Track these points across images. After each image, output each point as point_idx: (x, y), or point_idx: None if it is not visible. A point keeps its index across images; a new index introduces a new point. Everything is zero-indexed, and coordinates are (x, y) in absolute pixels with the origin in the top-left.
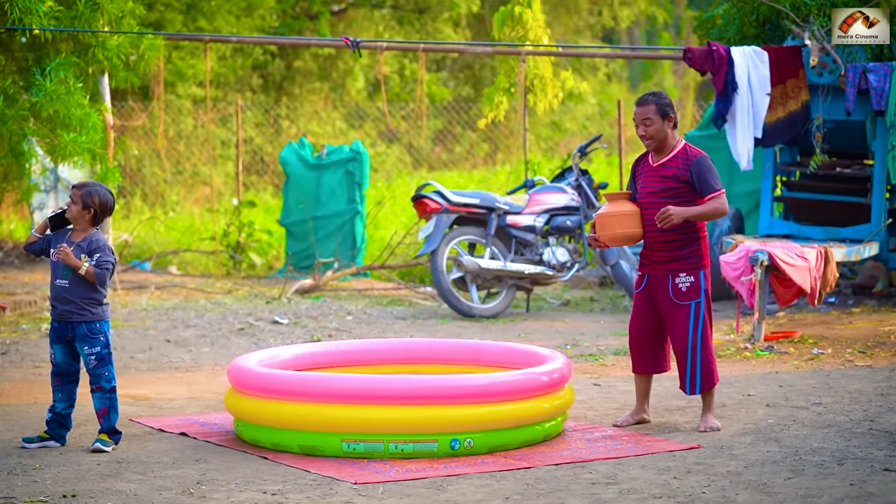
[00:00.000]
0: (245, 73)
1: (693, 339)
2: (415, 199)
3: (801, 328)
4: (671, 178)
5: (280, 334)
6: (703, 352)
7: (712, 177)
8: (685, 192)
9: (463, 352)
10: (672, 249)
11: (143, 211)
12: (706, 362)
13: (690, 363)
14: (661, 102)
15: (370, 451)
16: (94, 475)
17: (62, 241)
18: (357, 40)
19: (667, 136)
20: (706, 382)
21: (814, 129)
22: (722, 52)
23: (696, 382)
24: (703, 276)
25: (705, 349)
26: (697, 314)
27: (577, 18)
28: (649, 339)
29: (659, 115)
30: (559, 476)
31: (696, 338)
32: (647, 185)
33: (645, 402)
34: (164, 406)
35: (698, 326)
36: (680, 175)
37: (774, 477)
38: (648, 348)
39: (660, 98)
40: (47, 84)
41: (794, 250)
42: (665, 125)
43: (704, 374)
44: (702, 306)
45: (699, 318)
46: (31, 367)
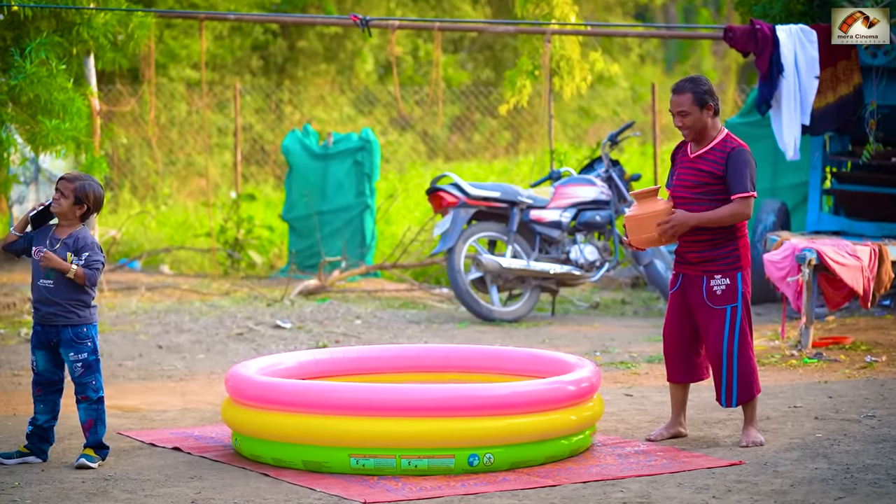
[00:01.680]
0: (244, 54)
1: (728, 347)
2: (430, 193)
3: (852, 333)
4: (707, 174)
5: (282, 340)
6: (740, 360)
7: (745, 175)
8: (721, 189)
9: (482, 359)
10: (706, 249)
11: (133, 205)
12: (744, 372)
13: (726, 373)
14: (699, 90)
15: (381, 468)
16: (78, 494)
17: (45, 239)
18: (367, 18)
19: (706, 125)
20: (744, 394)
21: (867, 115)
22: (766, 32)
23: (733, 394)
24: (741, 279)
25: (743, 357)
26: (734, 319)
27: None
28: (685, 345)
29: (696, 104)
30: (587, 495)
31: (733, 345)
32: (683, 176)
33: (681, 414)
34: (155, 418)
35: (735, 333)
36: (716, 170)
37: (823, 496)
38: (683, 355)
39: (697, 84)
40: (27, 66)
41: (846, 248)
42: (704, 114)
43: (742, 385)
44: (739, 311)
45: (735, 323)
46: (9, 375)
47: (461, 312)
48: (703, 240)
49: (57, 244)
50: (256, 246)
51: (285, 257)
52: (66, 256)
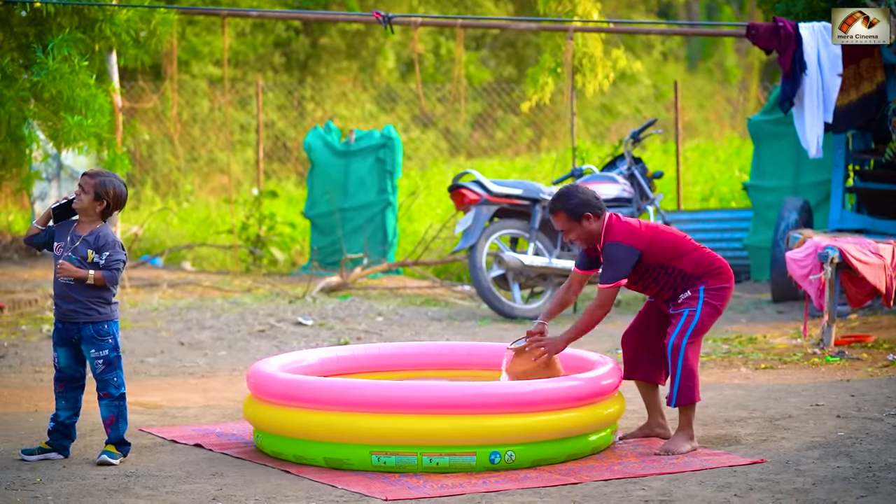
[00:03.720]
0: (266, 50)
1: (675, 345)
2: (451, 190)
3: (875, 332)
4: None
5: (304, 337)
6: (684, 360)
7: (608, 268)
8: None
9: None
10: (668, 299)
11: (155, 201)
12: (686, 373)
13: (670, 371)
14: (569, 205)
15: (402, 465)
16: (99, 490)
17: (67, 235)
18: (389, 15)
19: (591, 232)
20: (685, 395)
21: (890, 113)
22: (789, 29)
23: (675, 393)
24: (704, 290)
25: (688, 357)
26: (689, 322)
27: None
28: (642, 344)
29: (573, 219)
30: (609, 493)
31: (681, 343)
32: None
33: (657, 415)
34: (177, 415)
35: (685, 334)
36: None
37: (845, 495)
38: (642, 353)
39: (566, 201)
40: (50, 62)
41: (868, 246)
42: (585, 224)
43: (683, 386)
44: (696, 315)
45: (689, 325)
46: (31, 371)
47: (483, 310)
48: (658, 293)
49: (78, 241)
50: (278, 243)
51: (307, 254)
52: (88, 254)
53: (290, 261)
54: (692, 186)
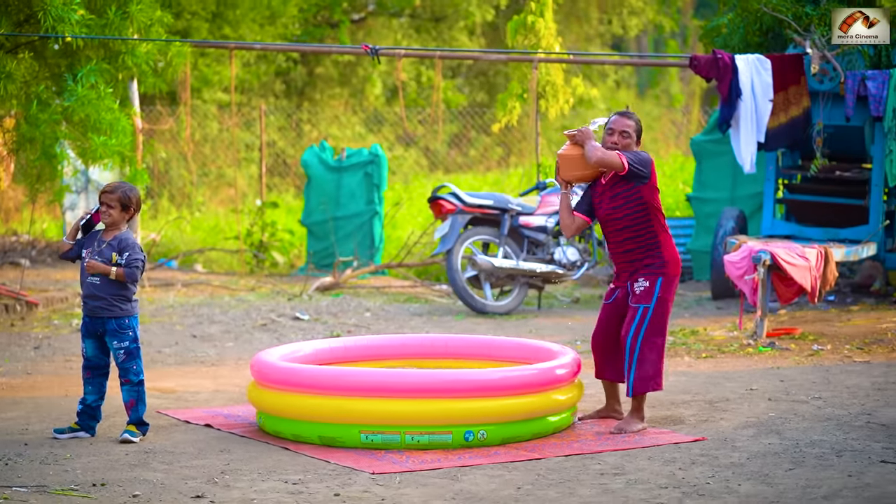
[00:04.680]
0: (268, 79)
1: (632, 341)
2: (431, 201)
3: (801, 325)
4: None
5: (301, 330)
6: (640, 355)
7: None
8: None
9: (477, 347)
10: (634, 260)
11: (171, 211)
12: (642, 366)
13: (627, 363)
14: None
15: (387, 443)
16: (122, 465)
17: (94, 241)
18: (376, 48)
19: (629, 147)
20: (639, 386)
21: (814, 133)
22: (727, 60)
23: (630, 384)
24: (661, 284)
25: (644, 353)
26: (644, 318)
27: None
28: (611, 348)
29: (634, 133)
30: (569, 467)
31: (637, 340)
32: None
33: (615, 403)
34: (189, 399)
35: (641, 329)
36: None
37: (776, 468)
38: (610, 357)
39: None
40: (79, 89)
41: (796, 250)
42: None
43: (638, 378)
44: (650, 311)
45: (644, 321)
46: (62, 360)
47: (458, 306)
48: (631, 249)
49: (103, 245)
50: (279, 247)
51: (304, 257)
52: (112, 256)
53: (290, 263)
54: None
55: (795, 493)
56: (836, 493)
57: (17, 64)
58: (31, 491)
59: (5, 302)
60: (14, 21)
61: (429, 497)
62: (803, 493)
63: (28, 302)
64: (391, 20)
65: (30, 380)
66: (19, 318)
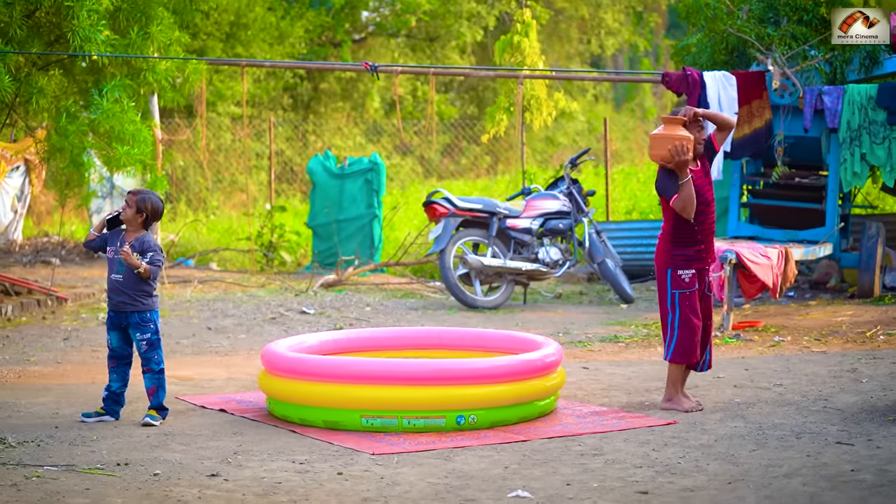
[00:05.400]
0: (277, 93)
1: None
2: (426, 205)
3: (764, 319)
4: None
5: (307, 323)
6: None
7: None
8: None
9: (468, 339)
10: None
11: (188, 214)
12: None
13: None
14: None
15: (386, 426)
16: (144, 446)
17: (117, 241)
18: (375, 65)
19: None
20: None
21: (776, 144)
22: (695, 77)
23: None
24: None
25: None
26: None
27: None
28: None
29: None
30: (552, 448)
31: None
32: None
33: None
34: (205, 386)
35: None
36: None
37: (741, 449)
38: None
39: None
40: (104, 103)
41: (759, 250)
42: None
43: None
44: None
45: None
46: (89, 351)
47: (451, 301)
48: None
49: (126, 245)
50: (287, 247)
51: (310, 257)
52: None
53: (296, 262)
54: (618, 202)
55: (759, 471)
56: (796, 471)
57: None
58: (61, 470)
59: (37, 297)
60: (45, 41)
61: (424, 476)
62: (766, 471)
63: (58, 297)
64: (389, 40)
65: (59, 368)
66: (50, 311)
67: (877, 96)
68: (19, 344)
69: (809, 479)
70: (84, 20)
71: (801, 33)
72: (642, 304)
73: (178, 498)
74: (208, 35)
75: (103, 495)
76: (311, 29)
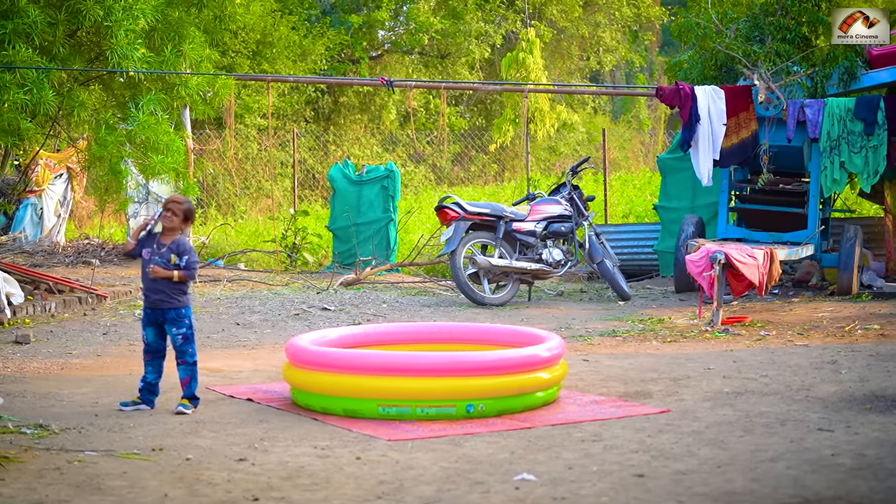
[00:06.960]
0: (300, 106)
1: None
2: (438, 209)
3: (751, 314)
4: None
5: (328, 319)
6: None
7: None
8: None
9: (477, 333)
10: None
11: (217, 218)
12: None
13: None
14: None
15: (401, 414)
16: (177, 433)
17: (153, 243)
18: (391, 80)
19: None
20: None
21: (761, 152)
22: (687, 91)
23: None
24: None
25: None
26: None
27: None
28: None
29: None
30: (555, 434)
31: None
32: None
33: None
34: (234, 377)
35: None
36: None
37: (729, 435)
38: None
39: None
40: (140, 116)
41: (746, 251)
42: None
43: None
44: None
45: None
46: (126, 345)
47: (461, 299)
48: None
49: (163, 248)
50: (309, 249)
51: (330, 257)
52: (171, 258)
53: (318, 262)
54: (616, 207)
55: (746, 456)
56: (781, 455)
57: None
58: (101, 454)
59: (79, 295)
60: (86, 58)
61: (436, 460)
62: (753, 455)
63: (98, 295)
64: (404, 57)
65: (99, 361)
66: (90, 308)
67: (854, 109)
68: (62, 338)
69: (793, 462)
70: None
71: (785, 51)
72: (638, 302)
73: (209, 481)
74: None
75: (139, 478)
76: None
